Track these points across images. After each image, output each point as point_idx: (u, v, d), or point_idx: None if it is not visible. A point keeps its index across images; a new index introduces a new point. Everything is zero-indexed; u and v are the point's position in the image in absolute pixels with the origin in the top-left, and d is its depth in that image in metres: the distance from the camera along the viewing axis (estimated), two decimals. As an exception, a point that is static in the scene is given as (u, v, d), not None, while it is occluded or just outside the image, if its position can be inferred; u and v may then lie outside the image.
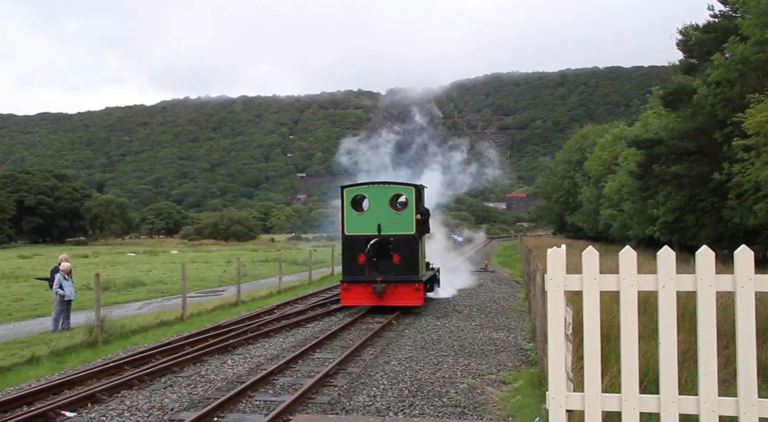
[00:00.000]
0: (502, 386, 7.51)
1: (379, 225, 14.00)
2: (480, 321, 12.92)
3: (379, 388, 7.42)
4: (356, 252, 14.06)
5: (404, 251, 13.89)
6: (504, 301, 16.39)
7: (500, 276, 24.95)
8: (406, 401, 6.86)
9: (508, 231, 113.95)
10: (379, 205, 14.21)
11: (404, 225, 14.02)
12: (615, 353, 5.79)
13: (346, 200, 14.28)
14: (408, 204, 14.29)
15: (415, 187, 14.46)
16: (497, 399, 6.88)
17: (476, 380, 7.77)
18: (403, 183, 15.01)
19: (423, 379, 7.85)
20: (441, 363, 8.85)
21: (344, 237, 14.25)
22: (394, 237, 14.00)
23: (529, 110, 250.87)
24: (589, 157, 51.03)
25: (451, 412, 6.45)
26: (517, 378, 7.77)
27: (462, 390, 7.27)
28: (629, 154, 33.53)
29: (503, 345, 10.18)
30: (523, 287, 19.18)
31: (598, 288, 3.66)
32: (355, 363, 8.99)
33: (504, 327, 12.21)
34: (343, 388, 7.50)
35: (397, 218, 14.09)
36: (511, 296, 17.72)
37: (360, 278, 13.96)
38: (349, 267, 14.11)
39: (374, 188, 14.36)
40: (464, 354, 9.51)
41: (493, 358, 9.15)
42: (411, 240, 13.98)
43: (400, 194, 14.61)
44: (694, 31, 24.59)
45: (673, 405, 3.44)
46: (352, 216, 14.26)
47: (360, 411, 6.53)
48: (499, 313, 14.15)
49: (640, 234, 34.05)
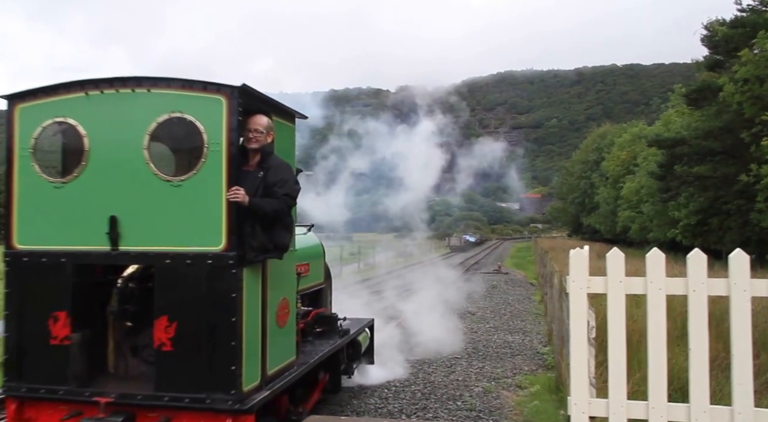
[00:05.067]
0: (518, 390, 7.31)
1: (114, 224, 3.91)
2: (494, 324, 12.69)
3: (390, 390, 7.26)
4: (42, 303, 4.01)
5: (193, 305, 3.78)
6: (518, 304, 16.14)
7: (514, 278, 24.67)
8: (419, 404, 6.69)
9: (522, 233, 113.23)
10: (120, 157, 3.94)
11: (196, 222, 3.83)
12: (636, 359, 5.59)
13: (19, 140, 4.11)
14: (209, 154, 3.77)
15: (233, 96, 3.76)
16: (513, 404, 6.68)
17: (491, 383, 7.58)
18: (196, 81, 3.83)
19: (436, 382, 7.67)
20: (454, 365, 8.66)
21: (8, 254, 4.12)
22: (158, 258, 3.85)
23: (544, 109, 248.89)
24: (607, 157, 50.46)
25: (466, 416, 6.27)
26: (534, 382, 7.57)
27: (477, 394, 7.08)
28: (649, 154, 33.01)
29: (518, 349, 9.97)
30: (538, 289, 18.90)
31: (623, 291, 3.48)
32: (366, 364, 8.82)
33: (519, 329, 11.98)
34: (354, 390, 7.35)
35: (176, 199, 3.84)
36: (526, 298, 17.45)
37: (52, 389, 3.95)
38: (22, 348, 4.05)
39: (103, 100, 3.95)
40: (478, 356, 9.31)
41: (508, 362, 8.95)
42: (218, 271, 3.74)
43: (188, 123, 3.82)
44: (719, 27, 24.01)
45: (704, 415, 3.25)
46: (35, 193, 4.09)
47: (371, 413, 6.37)
48: (513, 316, 13.91)
49: (660, 237, 33.51)
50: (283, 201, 3.96)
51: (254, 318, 3.95)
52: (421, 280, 19.52)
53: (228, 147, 3.75)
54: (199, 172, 3.78)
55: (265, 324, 4.11)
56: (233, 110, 3.75)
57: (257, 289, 4.03)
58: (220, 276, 3.71)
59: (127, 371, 4.18)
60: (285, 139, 4.54)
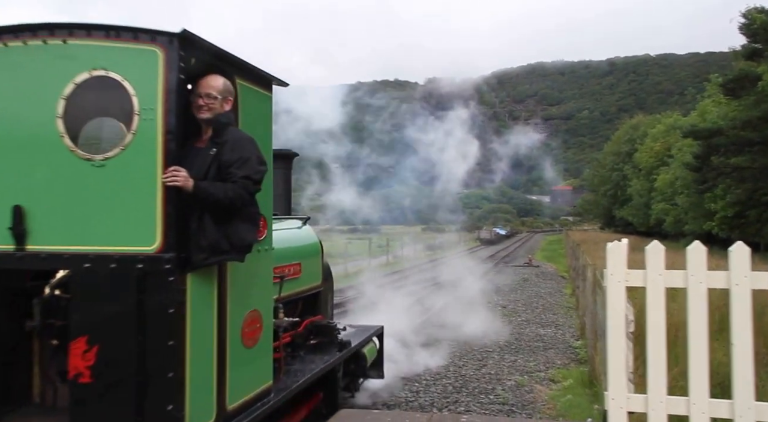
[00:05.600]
0: (551, 384, 7.24)
1: (19, 216, 2.99)
2: (525, 317, 12.58)
3: (421, 384, 7.26)
4: None
5: (118, 323, 2.86)
6: (550, 297, 15.97)
7: (545, 271, 24.40)
8: (450, 397, 6.68)
9: (553, 225, 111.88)
10: (27, 129, 3.03)
11: (124, 214, 2.93)
12: (673, 354, 5.47)
13: None
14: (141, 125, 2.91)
15: (172, 47, 2.91)
16: (546, 398, 6.62)
17: (524, 377, 7.52)
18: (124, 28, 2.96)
19: (467, 375, 7.64)
20: (486, 358, 8.61)
21: None
22: (74, 261, 2.92)
23: (575, 100, 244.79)
24: (640, 148, 49.47)
25: (498, 410, 6.23)
26: (567, 376, 7.49)
27: (509, 388, 7.03)
28: (684, 145, 32.24)
29: (551, 342, 9.86)
30: (570, 282, 18.66)
31: (663, 285, 3.40)
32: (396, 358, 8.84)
33: (551, 323, 11.85)
34: (383, 382, 7.36)
35: (98, 184, 2.95)
36: (557, 292, 17.25)
37: None
38: None
39: (6, 55, 3.06)
40: (510, 350, 9.24)
41: (540, 355, 8.86)
42: (152, 279, 2.85)
43: (114, 83, 2.93)
44: (758, 14, 23.27)
45: (749, 411, 3.16)
46: None
47: (402, 406, 6.38)
48: (545, 309, 13.77)
49: (696, 229, 32.75)
50: (241, 185, 3.04)
51: (205, 340, 3.04)
52: (450, 273, 19.48)
53: (165, 114, 2.89)
54: (127, 147, 2.90)
55: (224, 346, 3.18)
56: (172, 65, 2.89)
57: (210, 302, 3.10)
58: (153, 285, 2.82)
59: (55, 401, 3.37)
60: (258, 112, 3.62)
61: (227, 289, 3.23)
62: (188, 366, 2.90)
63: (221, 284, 3.20)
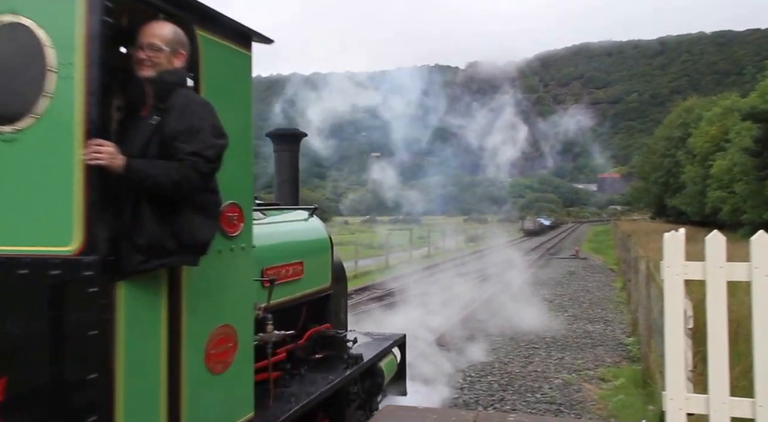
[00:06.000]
0: (601, 383, 6.95)
1: None
2: (573, 312, 12.20)
3: (465, 380, 7.08)
4: None
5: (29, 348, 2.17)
6: (598, 291, 15.47)
7: (592, 263, 23.72)
8: (495, 395, 6.48)
9: (600, 215, 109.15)
10: None
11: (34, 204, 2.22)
12: (734, 352, 5.14)
13: None
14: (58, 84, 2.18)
15: None
16: (596, 398, 6.34)
17: (572, 375, 7.25)
18: None
19: (513, 372, 7.42)
20: (532, 355, 8.36)
21: None
22: None
23: (624, 82, 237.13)
24: (694, 132, 47.47)
25: (546, 409, 6.00)
26: (618, 375, 7.18)
27: (557, 386, 6.78)
28: (743, 129, 30.77)
29: (600, 339, 9.51)
30: (619, 276, 18.06)
31: (724, 278, 3.13)
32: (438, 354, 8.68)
33: (599, 318, 11.45)
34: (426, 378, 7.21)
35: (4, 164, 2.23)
36: (606, 285, 16.71)
37: None
38: None
39: None
40: (557, 346, 8.94)
41: (589, 352, 8.54)
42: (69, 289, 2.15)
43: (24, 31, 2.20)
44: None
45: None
46: None
47: (446, 404, 6.22)
48: (593, 304, 13.34)
49: (755, 218, 31.17)
50: (189, 164, 2.28)
51: (147, 370, 2.32)
52: (492, 265, 19.14)
53: (87, 69, 2.15)
54: (43, 116, 2.17)
55: (176, 375, 2.44)
56: (95, 5, 2.16)
57: (154, 319, 2.36)
58: (70, 298, 2.13)
59: None
60: (231, 74, 2.85)
61: (182, 301, 2.44)
62: (119, 405, 2.17)
63: (173, 294, 2.41)
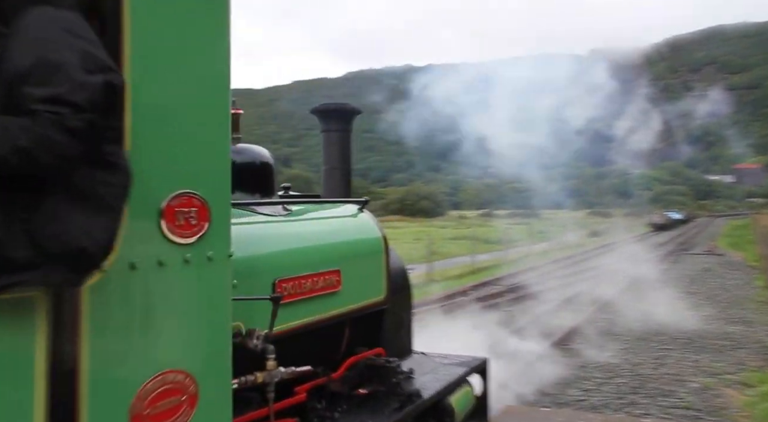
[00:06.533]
0: (745, 389, 6.52)
1: None
2: (709, 311, 11.42)
3: (592, 382, 6.93)
4: None
5: None
6: (737, 289, 14.33)
7: (730, 260, 21.89)
8: (625, 398, 6.30)
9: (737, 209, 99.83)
10: None
11: None
12: None
13: None
14: None
15: None
16: (740, 404, 5.98)
17: (710, 379, 6.86)
18: None
19: (644, 374, 7.15)
20: (664, 357, 7.97)
21: None
22: None
23: (762, 66, 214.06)
24: None
25: (682, 415, 5.76)
26: (763, 380, 6.71)
27: (693, 390, 6.46)
28: None
29: (741, 341, 8.86)
30: (762, 273, 16.58)
31: None
32: (564, 353, 8.54)
33: (740, 319, 10.65)
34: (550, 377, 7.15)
35: None
36: (746, 284, 15.42)
37: None
38: None
39: None
40: (693, 348, 8.46)
41: (729, 355, 8.01)
42: None
43: None
44: None
45: None
46: None
47: (572, 406, 6.15)
48: (732, 303, 12.40)
49: None
50: (45, 119, 1.16)
51: None
52: (619, 261, 18.34)
53: None
54: None
55: None
56: None
57: (17, 369, 1.24)
58: None
59: None
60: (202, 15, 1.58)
61: (80, 338, 1.35)
62: None
63: (59, 329, 1.33)
